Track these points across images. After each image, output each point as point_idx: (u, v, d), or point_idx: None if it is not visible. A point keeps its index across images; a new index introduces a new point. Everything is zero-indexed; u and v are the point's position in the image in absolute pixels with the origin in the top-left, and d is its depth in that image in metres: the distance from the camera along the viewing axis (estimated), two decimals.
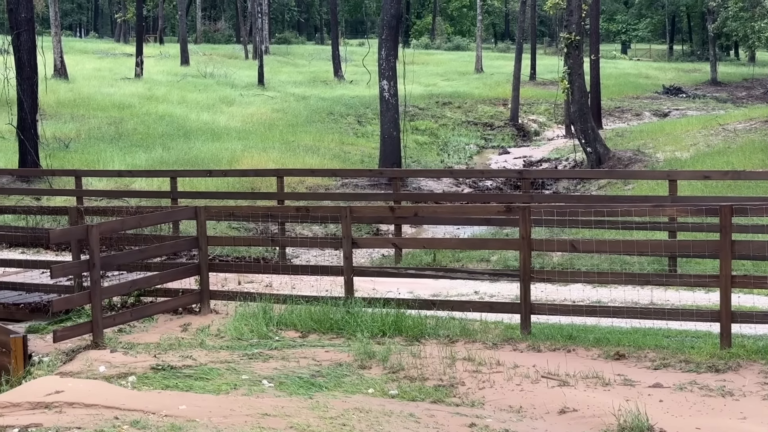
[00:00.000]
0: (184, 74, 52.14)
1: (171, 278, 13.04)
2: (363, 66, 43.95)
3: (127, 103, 39.44)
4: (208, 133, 33.23)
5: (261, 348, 10.69)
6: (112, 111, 37.29)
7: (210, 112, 38.79)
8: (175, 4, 76.04)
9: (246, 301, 12.52)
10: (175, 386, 9.29)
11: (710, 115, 43.80)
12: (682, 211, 12.39)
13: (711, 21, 64.52)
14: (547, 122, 47.74)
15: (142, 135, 32.41)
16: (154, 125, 34.46)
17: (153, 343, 11.06)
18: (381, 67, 27.96)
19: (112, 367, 10.01)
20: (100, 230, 11.68)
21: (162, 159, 27.45)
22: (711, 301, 12.17)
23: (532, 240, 11.36)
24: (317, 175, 23.95)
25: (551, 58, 65.33)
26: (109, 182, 23.84)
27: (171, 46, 71.17)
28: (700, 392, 8.94)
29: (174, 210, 15.78)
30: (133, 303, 12.92)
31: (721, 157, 26.58)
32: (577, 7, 28.69)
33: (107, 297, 12.20)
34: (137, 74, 49.82)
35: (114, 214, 15.33)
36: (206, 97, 43.27)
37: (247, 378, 9.45)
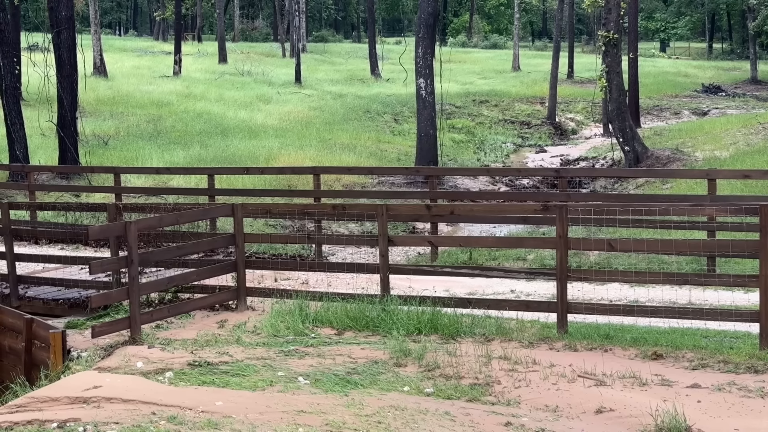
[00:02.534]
0: (222, 72, 52.41)
1: (208, 275, 13.11)
2: (400, 64, 44.01)
3: (165, 100, 39.72)
4: (245, 130, 33.38)
5: (297, 345, 10.73)
6: (151, 108, 37.58)
7: (247, 110, 38.95)
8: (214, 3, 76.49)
9: (282, 298, 12.57)
10: (211, 382, 9.35)
11: (750, 113, 43.35)
12: (721, 211, 12.28)
13: (751, 19, 63.86)
14: (584, 121, 47.49)
15: (180, 132, 32.62)
16: (192, 123, 34.67)
17: (190, 340, 11.13)
18: (418, 66, 27.94)
19: (149, 363, 10.08)
20: (138, 227, 11.77)
21: (200, 156, 27.61)
22: (750, 301, 12.05)
23: (569, 239, 11.30)
24: (353, 173, 23.97)
25: (589, 57, 64.99)
26: (147, 179, 24.02)
27: (209, 45, 71.59)
28: (738, 393, 8.86)
29: (211, 207, 15.89)
30: (170, 299, 13.01)
31: (762, 156, 26.29)
32: (615, 5, 28.50)
33: (145, 293, 12.29)
34: (175, 72, 50.14)
35: (152, 211, 15.43)
36: (243, 95, 43.47)
37: (283, 375, 9.49)
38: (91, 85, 39.77)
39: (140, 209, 16.39)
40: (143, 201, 20.58)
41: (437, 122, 28.98)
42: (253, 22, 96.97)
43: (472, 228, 20.91)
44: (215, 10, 71.73)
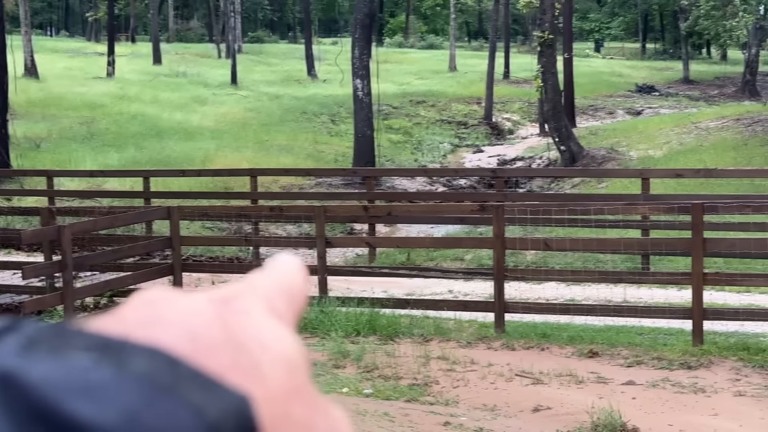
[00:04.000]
0: (157, 73, 51.88)
1: (144, 279, 12.97)
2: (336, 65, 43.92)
3: (98, 102, 39.22)
4: (181, 132, 33.09)
5: None
6: (84, 110, 37.07)
7: (183, 111, 38.62)
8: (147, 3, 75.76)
9: None
10: None
11: (683, 113, 44.06)
12: (654, 210, 12.46)
13: (683, 19, 64.86)
14: (521, 121, 47.84)
15: (115, 135, 32.24)
16: (127, 125, 34.28)
17: None
18: (354, 66, 27.93)
19: None
20: (73, 231, 11.61)
21: (135, 159, 27.31)
22: (683, 298, 12.23)
23: (505, 238, 11.38)
24: (291, 174, 23.90)
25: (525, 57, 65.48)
26: (81, 182, 23.68)
27: (143, 45, 70.81)
28: (672, 389, 8.99)
29: (147, 210, 15.72)
30: (106, 304, 12.85)
31: (694, 155, 26.74)
32: (550, 5, 28.77)
33: (80, 298, 12.13)
34: (109, 73, 49.52)
35: (86, 214, 15.24)
36: (179, 96, 43.08)
37: None
38: (22, 86, 39.09)
39: (74, 213, 16.17)
40: (77, 204, 20.29)
41: (374, 123, 28.98)
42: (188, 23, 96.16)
43: (410, 228, 20.95)
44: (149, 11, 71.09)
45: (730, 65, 71.39)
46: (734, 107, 43.23)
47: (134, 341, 0.40)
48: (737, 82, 60.60)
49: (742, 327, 10.99)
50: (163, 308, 0.43)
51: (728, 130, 31.30)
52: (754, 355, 9.87)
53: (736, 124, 32.14)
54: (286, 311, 0.48)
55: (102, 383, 0.37)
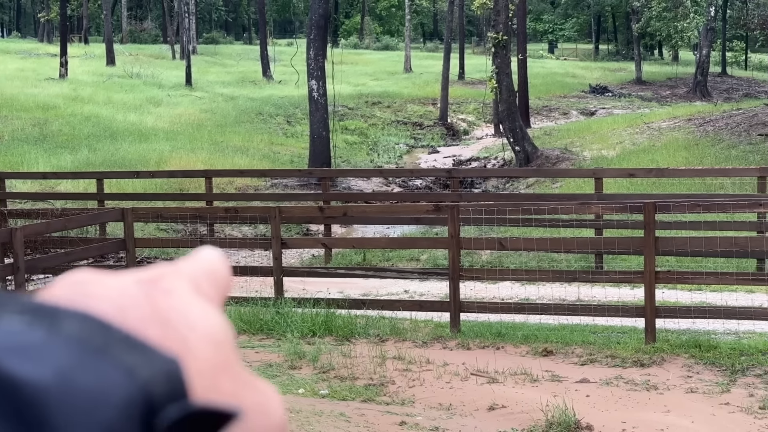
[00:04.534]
0: (110, 75, 51.45)
1: None
2: (292, 66, 43.82)
3: (51, 103, 38.81)
4: (135, 134, 32.85)
5: None
6: (36, 112, 36.67)
7: (137, 112, 38.34)
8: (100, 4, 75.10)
9: None
10: None
11: (635, 113, 44.51)
12: (607, 209, 12.58)
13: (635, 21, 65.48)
14: (476, 121, 48.06)
15: (68, 136, 31.93)
16: (80, 126, 33.96)
17: None
18: (309, 67, 27.90)
19: None
20: (25, 233, 11.50)
21: (88, 160, 27.08)
22: (636, 297, 12.37)
23: (460, 238, 11.44)
24: (246, 175, 23.84)
25: (479, 58, 65.78)
26: (33, 184, 23.43)
27: (96, 46, 70.20)
28: (625, 387, 9.09)
29: (100, 212, 15.61)
30: None
31: (646, 155, 27.03)
32: (504, 7, 28.93)
33: None
34: (62, 75, 49.04)
35: (39, 216, 15.10)
36: (133, 97, 42.77)
37: None
38: None
39: (26, 215, 16.03)
40: (30, 207, 20.08)
41: (330, 124, 28.97)
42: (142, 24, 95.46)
43: (366, 229, 20.98)
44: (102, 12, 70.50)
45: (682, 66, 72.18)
46: (686, 108, 43.75)
47: (66, 307, 0.40)
48: (689, 83, 61.31)
49: (693, 324, 11.14)
50: (91, 287, 0.43)
51: (680, 130, 31.66)
52: (706, 352, 10.00)
53: (688, 124, 32.53)
54: (212, 294, 0.49)
55: (35, 344, 0.38)
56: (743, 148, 26.23)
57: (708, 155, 25.93)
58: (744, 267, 13.84)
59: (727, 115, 32.55)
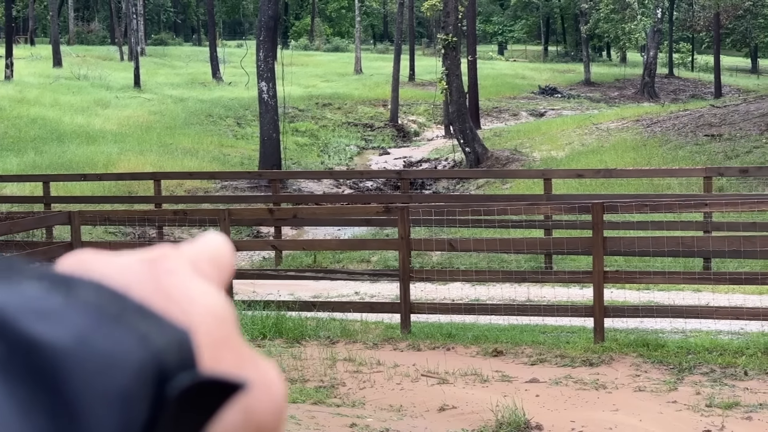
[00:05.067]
0: (57, 76, 50.86)
1: None
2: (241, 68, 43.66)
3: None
4: (83, 136, 32.50)
5: None
6: None
7: (85, 114, 37.93)
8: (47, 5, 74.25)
9: None
10: None
11: (584, 114, 44.89)
12: (556, 209, 12.67)
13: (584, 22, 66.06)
14: (426, 123, 48.17)
15: (13, 139, 31.50)
16: (26, 128, 33.52)
17: None
18: (259, 69, 27.78)
19: None
20: None
21: (34, 163, 26.73)
22: (585, 296, 12.46)
23: (410, 240, 11.44)
24: (195, 177, 23.69)
25: (430, 59, 65.97)
26: None
27: (43, 48, 69.35)
28: (574, 386, 9.14)
29: (46, 215, 15.41)
30: None
31: (595, 156, 27.26)
32: (453, 8, 29.03)
33: None
34: (7, 76, 48.37)
35: None
36: (80, 99, 42.31)
37: None
38: None
39: None
40: None
41: (280, 126, 28.88)
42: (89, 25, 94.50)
43: (317, 231, 20.92)
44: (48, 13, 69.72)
45: (630, 67, 72.91)
46: (634, 108, 44.20)
47: (81, 275, 0.42)
48: (637, 84, 61.97)
49: (641, 324, 11.24)
50: (95, 265, 0.45)
51: (628, 131, 31.97)
52: (653, 351, 10.09)
53: (636, 125, 32.86)
54: (213, 276, 0.49)
55: (54, 308, 0.39)
56: (690, 149, 26.54)
57: (655, 156, 26.21)
58: (691, 266, 13.99)
59: (674, 116, 32.94)
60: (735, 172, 18.67)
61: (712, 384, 9.10)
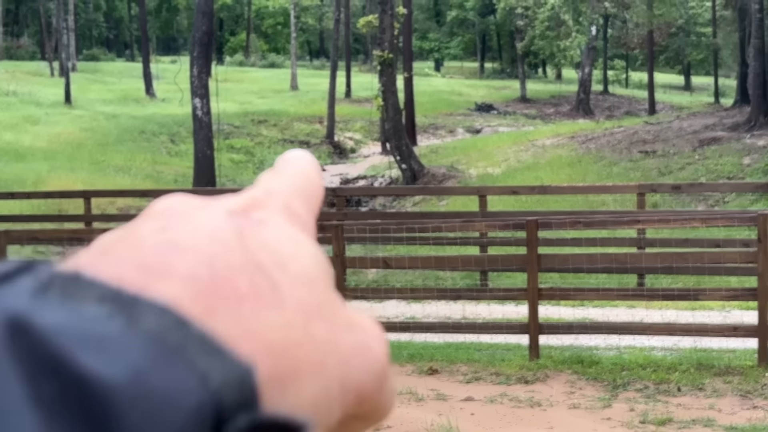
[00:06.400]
0: None
1: None
2: (175, 84, 43.24)
3: None
4: (11, 153, 31.90)
5: None
6: None
7: (13, 131, 37.25)
8: None
9: None
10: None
11: (520, 131, 45.21)
12: (491, 226, 12.64)
13: (519, 39, 66.64)
14: (363, 139, 48.17)
15: None
16: None
17: None
18: (193, 85, 27.51)
19: None
20: None
21: None
22: (520, 313, 12.42)
23: (345, 257, 11.32)
24: (128, 195, 23.33)
25: (366, 76, 65.97)
26: None
27: None
28: (510, 404, 9.08)
29: None
30: None
31: (531, 172, 27.41)
32: (389, 25, 29.04)
33: None
34: None
35: None
36: (9, 116, 41.55)
37: None
38: None
39: None
40: None
41: (215, 142, 28.62)
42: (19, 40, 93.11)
43: None
44: None
45: (565, 84, 73.76)
46: (569, 125, 44.65)
47: (146, 296, 0.39)
48: (572, 101, 62.62)
49: (576, 341, 11.23)
50: (178, 228, 0.42)
51: (563, 147, 32.24)
52: (588, 367, 10.08)
53: (571, 141, 33.15)
54: (306, 214, 0.47)
55: (113, 337, 0.38)
56: (624, 165, 26.82)
57: (591, 172, 26.44)
58: (625, 283, 14.04)
59: (608, 133, 33.30)
60: (668, 188, 18.87)
61: (646, 400, 9.10)
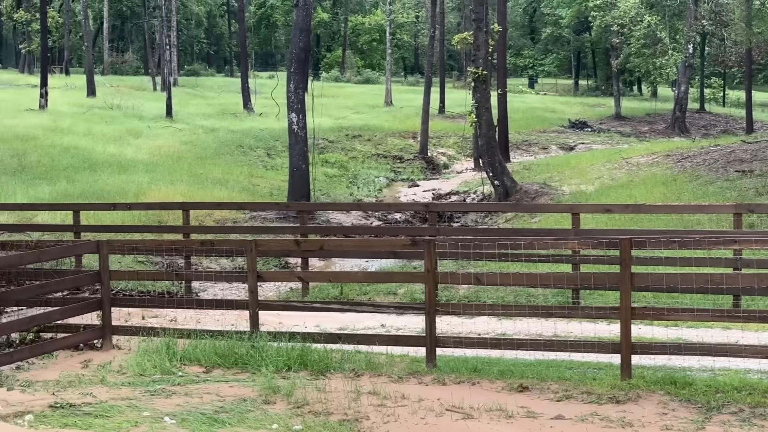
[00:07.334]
0: (91, 106, 51.39)
1: (72, 314, 12.78)
2: (272, 99, 43.91)
3: (30, 134, 38.65)
4: (114, 165, 32.78)
5: (164, 384, 10.52)
6: (15, 143, 36.51)
7: (117, 144, 38.27)
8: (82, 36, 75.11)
9: (149, 336, 12.33)
10: (74, 424, 9.07)
11: (614, 149, 44.75)
12: (583, 245, 12.60)
13: (614, 57, 66.03)
14: (456, 155, 48.23)
15: (46, 167, 31.81)
16: (59, 157, 33.84)
17: (52, 381, 10.80)
18: (290, 100, 27.96)
19: (8, 406, 9.73)
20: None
21: (66, 192, 26.96)
22: (612, 332, 12.35)
23: (437, 273, 11.42)
24: (224, 208, 23.77)
25: (460, 92, 66.10)
26: (10, 215, 23.27)
27: (77, 78, 70.15)
28: (600, 423, 9.05)
29: (75, 244, 15.52)
30: (32, 339, 12.62)
31: (625, 191, 27.13)
32: (483, 42, 29.11)
33: (5, 333, 11.90)
34: (42, 105, 48.94)
35: (13, 248, 14.99)
36: (113, 129, 42.69)
37: (148, 415, 9.28)
38: None
39: (1, 247, 15.89)
40: (6, 238, 19.94)
41: (310, 157, 29.01)
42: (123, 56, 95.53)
43: (345, 263, 20.92)
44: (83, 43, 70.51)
45: (661, 102, 72.71)
46: (664, 143, 44.06)
47: None
48: (667, 119, 61.75)
49: (669, 361, 11.13)
50: None
51: (658, 165, 31.84)
52: (681, 389, 9.98)
53: (666, 159, 32.71)
54: None
55: None
56: (720, 185, 26.37)
57: (685, 191, 26.05)
58: (720, 303, 13.85)
59: (705, 152, 32.78)
60: (766, 209, 18.50)
61: (741, 424, 8.98)
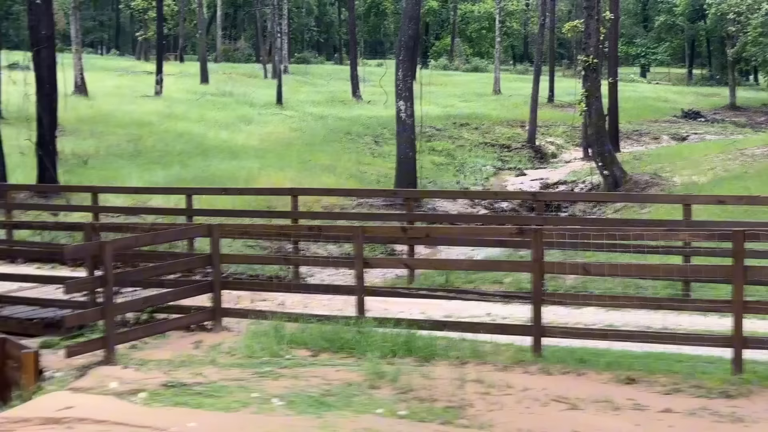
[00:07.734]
0: (204, 92, 52.41)
1: (184, 295, 13.08)
2: (380, 86, 44.16)
3: (146, 120, 39.66)
4: (225, 151, 33.37)
5: (272, 366, 10.70)
6: (132, 128, 37.51)
7: (228, 130, 38.96)
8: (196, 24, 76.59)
9: (258, 319, 12.55)
10: (185, 403, 9.32)
11: (728, 139, 43.70)
12: (695, 236, 12.37)
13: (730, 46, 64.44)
14: (564, 144, 47.73)
15: (161, 152, 32.58)
16: (173, 143, 34.63)
17: (165, 360, 11.09)
18: (398, 88, 28.05)
19: (123, 384, 10.04)
20: (114, 247, 11.74)
21: (179, 176, 27.55)
22: (724, 326, 12.09)
23: (544, 263, 11.34)
24: (332, 194, 23.97)
25: (569, 81, 65.34)
26: (126, 199, 23.92)
27: (191, 65, 71.59)
28: (710, 418, 8.90)
29: (188, 227, 15.87)
30: (146, 320, 12.96)
31: (739, 182, 26.49)
32: (594, 30, 28.73)
33: (120, 313, 12.23)
34: (157, 92, 50.13)
35: (129, 230, 15.38)
36: (225, 115, 43.47)
37: (257, 396, 9.47)
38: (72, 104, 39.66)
39: (117, 229, 16.34)
40: (122, 220, 20.50)
41: (417, 145, 29.07)
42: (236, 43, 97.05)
43: (450, 250, 20.91)
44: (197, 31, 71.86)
45: None
46: None
47: None
48: None
49: None
50: None
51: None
52: None
53: None
54: None
55: None
56: None
57: None
58: None
59: None
60: None
61: None
